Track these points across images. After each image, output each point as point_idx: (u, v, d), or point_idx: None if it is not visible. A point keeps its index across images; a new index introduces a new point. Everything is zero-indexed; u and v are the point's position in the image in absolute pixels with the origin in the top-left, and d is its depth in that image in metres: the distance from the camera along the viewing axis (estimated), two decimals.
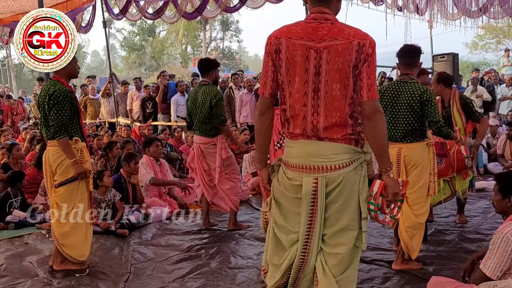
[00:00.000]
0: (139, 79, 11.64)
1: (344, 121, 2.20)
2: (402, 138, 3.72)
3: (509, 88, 10.97)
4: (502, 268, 2.55)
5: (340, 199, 2.22)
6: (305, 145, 2.24)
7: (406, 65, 3.78)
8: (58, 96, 3.66)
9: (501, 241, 2.55)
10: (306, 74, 2.19)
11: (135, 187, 5.76)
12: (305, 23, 2.22)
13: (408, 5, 10.05)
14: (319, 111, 2.20)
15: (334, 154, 2.20)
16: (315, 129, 2.21)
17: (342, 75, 2.16)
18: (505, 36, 33.02)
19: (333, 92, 2.17)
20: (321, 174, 2.20)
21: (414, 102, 3.63)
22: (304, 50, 2.17)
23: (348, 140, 2.22)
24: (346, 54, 2.13)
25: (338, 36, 2.15)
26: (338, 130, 2.20)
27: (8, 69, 31.94)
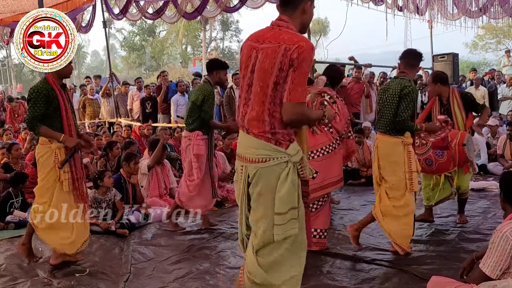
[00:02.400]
0: (141, 79, 11.65)
1: (260, 116, 2.42)
2: (380, 128, 4.08)
3: (509, 88, 10.98)
4: (501, 267, 2.55)
5: (256, 190, 2.46)
6: (241, 135, 2.55)
7: (406, 65, 4.03)
8: (33, 92, 3.78)
9: (501, 239, 2.55)
10: (246, 70, 2.51)
11: (135, 187, 5.76)
12: (265, 28, 2.53)
13: (408, 5, 10.05)
14: (249, 104, 2.48)
15: (253, 148, 2.44)
16: (243, 119, 2.50)
17: (266, 75, 2.39)
18: (505, 36, 33.03)
19: (257, 88, 2.43)
20: (244, 163, 2.49)
21: (394, 95, 3.92)
22: (249, 50, 2.50)
23: (267, 138, 2.42)
24: (272, 56, 2.37)
25: (274, 40, 2.40)
26: (256, 124, 2.44)
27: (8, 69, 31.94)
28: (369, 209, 5.26)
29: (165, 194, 6.12)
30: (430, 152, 4.56)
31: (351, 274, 3.71)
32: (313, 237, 4.12)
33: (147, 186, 6.01)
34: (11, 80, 30.94)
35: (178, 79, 11.95)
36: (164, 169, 6.21)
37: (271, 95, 2.39)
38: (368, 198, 6.31)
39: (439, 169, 4.64)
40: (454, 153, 4.55)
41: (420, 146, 4.54)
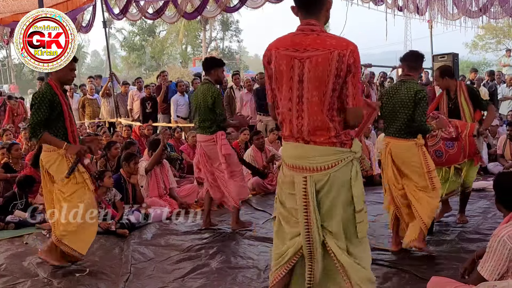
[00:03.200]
0: (141, 79, 11.65)
1: (325, 125, 2.40)
2: (392, 133, 4.02)
3: (509, 88, 10.99)
4: (499, 271, 2.54)
5: (330, 196, 2.43)
6: (293, 147, 2.50)
7: (409, 68, 4.04)
8: (37, 97, 3.70)
9: (498, 244, 2.53)
10: (291, 81, 2.42)
11: (135, 187, 5.76)
12: (293, 34, 2.44)
13: (408, 5, 10.05)
14: (303, 115, 2.43)
15: (319, 156, 2.42)
16: (300, 131, 2.45)
17: (322, 83, 2.35)
18: (505, 36, 33.02)
19: (313, 98, 2.39)
20: (309, 174, 2.43)
21: (408, 99, 3.88)
22: (289, 60, 2.40)
23: (331, 143, 2.42)
24: (326, 64, 2.33)
25: (320, 47, 2.35)
26: (321, 133, 2.42)
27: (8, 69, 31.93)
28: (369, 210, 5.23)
29: (165, 194, 6.12)
30: (440, 144, 4.56)
31: None
32: None
33: (146, 186, 6.01)
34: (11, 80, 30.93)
35: (178, 79, 11.96)
36: (163, 169, 6.21)
37: (330, 102, 2.38)
38: (369, 198, 6.30)
39: (449, 160, 4.63)
40: (465, 144, 4.57)
41: (430, 137, 4.53)
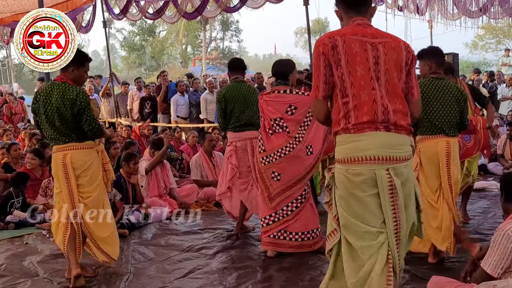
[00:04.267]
0: (141, 79, 11.65)
1: (405, 108, 2.38)
2: (451, 132, 3.80)
3: (509, 88, 10.99)
4: (503, 266, 2.55)
5: (405, 190, 2.30)
6: (375, 136, 2.27)
7: (438, 64, 3.89)
8: (86, 98, 3.62)
9: (502, 238, 2.55)
10: (367, 62, 2.33)
11: (135, 187, 5.76)
12: (353, 26, 2.41)
13: (408, 5, 10.05)
14: (383, 98, 2.31)
15: (401, 145, 2.31)
16: (386, 112, 2.29)
17: (398, 68, 2.37)
18: (505, 36, 33.00)
19: (394, 80, 2.35)
20: (391, 165, 2.25)
21: (458, 98, 3.80)
22: (361, 43, 2.34)
23: (408, 132, 2.36)
24: (399, 50, 2.38)
25: (387, 36, 2.42)
26: (402, 117, 2.34)
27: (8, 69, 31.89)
28: None
29: (165, 194, 6.11)
30: (458, 137, 4.55)
31: None
32: (295, 241, 4.10)
33: (146, 186, 6.01)
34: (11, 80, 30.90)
35: (178, 79, 11.97)
36: (164, 169, 6.21)
37: (402, 87, 2.40)
38: None
39: (465, 154, 4.65)
40: (480, 137, 4.63)
41: None
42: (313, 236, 4.14)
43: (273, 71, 4.25)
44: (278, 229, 4.09)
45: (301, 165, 4.02)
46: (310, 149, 4.04)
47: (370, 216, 2.28)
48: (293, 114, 4.01)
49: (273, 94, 4.11)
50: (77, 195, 3.67)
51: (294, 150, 3.99)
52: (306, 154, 4.03)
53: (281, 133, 4.01)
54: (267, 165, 4.05)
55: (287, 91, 4.08)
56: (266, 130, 4.07)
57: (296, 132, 4.01)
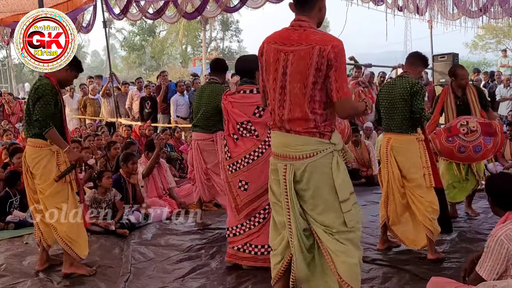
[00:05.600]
0: (141, 79, 11.65)
1: (305, 116, 2.50)
2: (394, 128, 4.00)
3: (507, 89, 11.00)
4: (497, 271, 2.54)
5: (310, 186, 2.54)
6: (277, 135, 2.64)
7: (408, 64, 4.10)
8: (44, 89, 3.62)
9: (495, 244, 2.54)
10: (276, 73, 2.56)
11: (135, 187, 5.76)
12: (285, 29, 2.59)
13: (408, 5, 10.03)
14: (285, 105, 2.55)
15: (299, 145, 2.53)
16: (281, 121, 2.58)
17: (303, 76, 2.47)
18: (505, 36, 32.99)
19: (294, 90, 2.51)
20: (289, 161, 2.55)
21: (406, 93, 3.91)
22: (276, 53, 2.55)
23: (311, 133, 2.52)
24: (307, 58, 2.44)
25: (303, 41, 2.47)
26: (300, 123, 2.52)
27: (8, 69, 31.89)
28: (369, 209, 5.28)
29: (164, 194, 6.11)
30: (481, 139, 4.62)
31: None
32: (260, 254, 3.73)
33: (145, 188, 6.01)
34: (11, 80, 30.90)
35: (178, 79, 11.97)
36: (161, 170, 6.19)
37: (310, 94, 2.48)
38: (368, 198, 6.31)
39: (484, 155, 4.75)
40: (499, 140, 4.70)
41: (470, 133, 4.62)
42: (268, 251, 3.60)
43: (237, 69, 3.87)
44: (244, 242, 3.77)
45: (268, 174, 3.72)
46: None
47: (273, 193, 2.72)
48: (261, 117, 3.63)
49: (238, 94, 3.70)
50: (30, 193, 3.83)
51: (264, 155, 3.61)
52: None
53: (248, 137, 3.64)
54: (234, 173, 3.72)
55: (254, 91, 3.66)
56: (231, 134, 3.71)
57: (266, 135, 3.62)
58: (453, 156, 4.82)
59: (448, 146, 4.74)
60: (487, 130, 4.63)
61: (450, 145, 4.72)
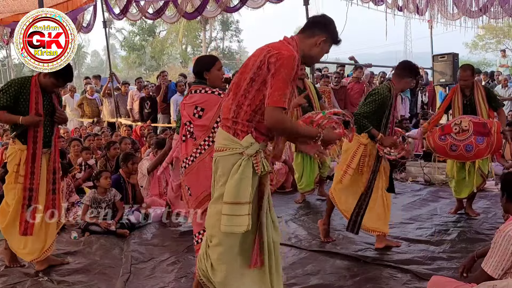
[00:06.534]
0: (141, 79, 11.66)
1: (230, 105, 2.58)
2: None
3: (505, 89, 11.01)
4: (503, 267, 2.56)
5: (215, 177, 2.63)
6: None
7: (395, 74, 4.22)
8: (7, 83, 3.84)
9: (503, 239, 2.56)
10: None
11: (135, 187, 5.75)
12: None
13: (408, 5, 10.03)
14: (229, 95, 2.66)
15: (218, 138, 2.64)
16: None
17: (246, 70, 2.55)
18: (505, 36, 33.01)
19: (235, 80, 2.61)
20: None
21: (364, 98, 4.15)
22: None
23: (226, 128, 2.58)
24: (257, 56, 2.53)
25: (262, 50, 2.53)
26: (224, 110, 2.63)
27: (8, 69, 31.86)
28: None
29: (165, 193, 6.11)
30: (472, 138, 4.75)
31: (351, 274, 3.71)
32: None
33: (147, 185, 6.00)
34: None
35: (178, 79, 11.98)
36: (166, 168, 6.18)
37: (245, 88, 2.53)
38: None
39: (477, 155, 4.82)
40: (493, 140, 4.75)
41: (461, 132, 4.75)
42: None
43: (193, 70, 3.77)
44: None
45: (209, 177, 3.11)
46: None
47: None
48: (200, 117, 3.41)
49: (188, 95, 3.59)
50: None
51: (197, 160, 3.40)
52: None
53: (189, 139, 3.47)
54: (182, 177, 3.60)
55: (198, 91, 3.50)
56: (182, 137, 3.57)
57: (203, 139, 3.40)
58: (446, 154, 4.98)
59: (440, 144, 4.90)
60: (480, 129, 4.72)
61: (442, 143, 4.88)
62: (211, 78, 3.50)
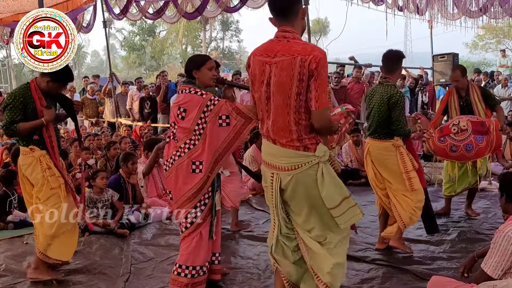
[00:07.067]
0: (141, 79, 11.66)
1: (287, 127, 2.54)
2: (370, 134, 4.10)
3: (505, 89, 11.01)
4: (503, 267, 2.56)
5: (296, 196, 2.60)
6: (266, 144, 2.69)
7: (386, 70, 4.10)
8: (10, 98, 3.71)
9: (503, 240, 2.56)
10: (262, 85, 2.60)
11: (135, 187, 5.76)
12: (270, 41, 2.62)
13: (408, 5, 10.03)
14: (270, 116, 2.60)
15: (284, 157, 2.57)
16: (268, 131, 2.64)
17: (286, 87, 2.49)
18: (505, 36, 33.01)
19: (278, 101, 2.53)
20: (275, 171, 2.61)
21: (383, 103, 3.95)
22: (261, 65, 2.59)
23: (295, 147, 2.55)
24: (289, 69, 2.47)
25: (287, 52, 2.50)
26: (283, 134, 2.56)
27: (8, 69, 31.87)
28: (369, 209, 5.26)
29: (164, 194, 6.10)
30: (471, 138, 4.72)
31: (351, 274, 3.71)
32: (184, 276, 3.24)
33: (145, 188, 6.01)
34: (11, 80, 30.91)
35: (178, 79, 11.98)
36: (160, 170, 6.16)
37: (295, 105, 2.50)
38: (368, 198, 6.29)
39: (478, 154, 4.80)
40: (492, 138, 4.74)
41: (460, 132, 4.73)
42: (198, 273, 3.27)
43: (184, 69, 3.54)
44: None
45: (187, 182, 3.19)
46: (199, 166, 3.16)
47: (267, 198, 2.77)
48: (183, 119, 3.21)
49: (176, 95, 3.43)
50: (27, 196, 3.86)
51: (176, 163, 3.21)
52: (192, 171, 3.17)
53: (172, 141, 3.31)
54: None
55: (183, 91, 3.31)
56: (167, 138, 3.42)
57: (183, 141, 3.20)
58: (447, 156, 4.93)
59: (440, 146, 4.86)
60: (478, 128, 4.72)
61: (442, 145, 4.84)
62: (200, 77, 3.33)
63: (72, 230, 3.88)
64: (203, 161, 3.16)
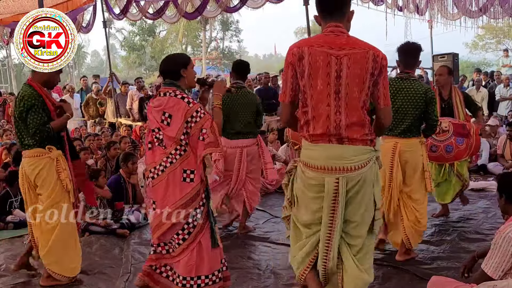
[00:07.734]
0: (141, 79, 11.65)
1: (362, 120, 2.47)
2: (400, 133, 3.81)
3: (506, 88, 11.00)
4: (503, 268, 2.55)
5: (359, 196, 2.50)
6: (326, 148, 2.48)
7: (407, 65, 3.84)
8: (31, 100, 3.55)
9: (503, 241, 2.55)
10: (328, 77, 2.43)
11: (135, 187, 5.76)
12: (324, 35, 2.49)
13: (408, 5, 10.03)
14: (341, 110, 2.45)
15: (354, 156, 2.46)
16: (338, 127, 2.45)
17: (360, 80, 2.43)
18: (505, 36, 32.98)
19: (353, 94, 2.44)
20: (342, 174, 2.45)
21: (419, 99, 3.73)
22: (326, 56, 2.42)
23: (366, 141, 2.49)
24: (363, 61, 2.41)
25: (355, 46, 2.43)
26: (357, 129, 2.46)
27: (8, 69, 31.87)
28: None
29: None
30: (452, 139, 4.76)
31: None
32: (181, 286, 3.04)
33: (145, 188, 5.99)
34: (11, 80, 30.90)
35: None
36: None
37: (364, 99, 2.47)
38: None
39: (456, 156, 4.81)
40: (472, 141, 4.78)
41: (441, 132, 4.73)
42: (206, 282, 3.06)
43: (161, 69, 3.24)
44: (164, 263, 3.16)
45: (178, 190, 2.99)
46: (190, 175, 2.98)
47: (311, 212, 2.57)
48: (169, 125, 2.99)
49: (155, 98, 3.12)
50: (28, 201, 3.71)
51: (167, 170, 2.99)
52: (183, 180, 2.98)
53: (158, 147, 3.05)
54: (147, 189, 3.25)
55: (167, 94, 3.05)
56: (147, 143, 3.15)
57: (174, 147, 2.99)
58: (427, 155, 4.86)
59: None
60: (460, 131, 4.75)
61: None
62: (188, 76, 3.13)
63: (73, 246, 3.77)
64: (194, 170, 2.99)
